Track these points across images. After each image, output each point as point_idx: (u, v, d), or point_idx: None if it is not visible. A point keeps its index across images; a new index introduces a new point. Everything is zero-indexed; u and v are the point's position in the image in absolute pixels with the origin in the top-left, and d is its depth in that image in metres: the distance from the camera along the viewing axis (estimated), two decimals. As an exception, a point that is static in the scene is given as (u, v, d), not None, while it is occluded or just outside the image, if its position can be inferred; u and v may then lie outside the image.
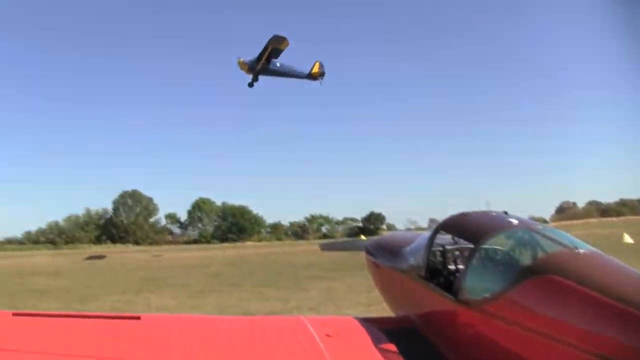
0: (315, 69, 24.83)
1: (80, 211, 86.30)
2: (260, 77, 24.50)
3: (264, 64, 23.56)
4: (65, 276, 24.73)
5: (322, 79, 25.10)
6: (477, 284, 4.60)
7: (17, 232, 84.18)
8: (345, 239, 72.48)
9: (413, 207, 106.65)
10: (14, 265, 33.35)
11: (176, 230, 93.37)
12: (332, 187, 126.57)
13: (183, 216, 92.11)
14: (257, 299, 15.97)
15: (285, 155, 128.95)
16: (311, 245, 56.68)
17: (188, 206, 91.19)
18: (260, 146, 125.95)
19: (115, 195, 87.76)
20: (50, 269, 29.97)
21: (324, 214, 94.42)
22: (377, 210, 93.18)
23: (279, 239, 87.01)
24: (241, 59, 24.12)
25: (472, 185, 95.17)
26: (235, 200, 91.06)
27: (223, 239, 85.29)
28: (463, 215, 5.42)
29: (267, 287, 18.76)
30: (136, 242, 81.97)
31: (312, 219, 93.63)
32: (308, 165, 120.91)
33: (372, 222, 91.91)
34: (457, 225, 5.44)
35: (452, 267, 5.40)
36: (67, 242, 79.16)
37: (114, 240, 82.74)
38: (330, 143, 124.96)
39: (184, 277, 23.57)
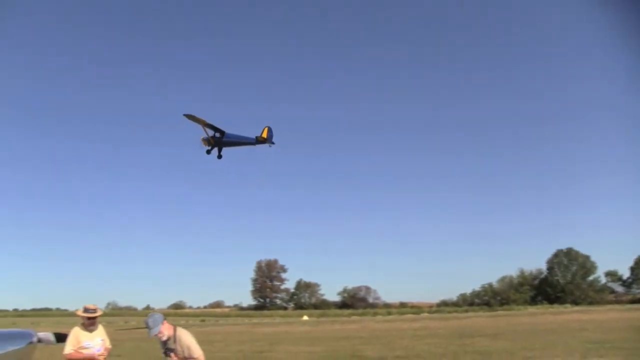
0: (264, 134, 24.88)
1: (514, 272, 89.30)
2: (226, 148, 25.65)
3: (218, 137, 25.24)
4: (505, 337, 25.36)
5: (269, 142, 25.03)
6: None
7: (453, 295, 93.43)
8: None
9: None
10: (454, 327, 36.18)
11: (618, 288, 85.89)
12: None
13: (625, 273, 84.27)
14: None
15: None
16: None
17: (630, 263, 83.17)
18: None
19: (549, 254, 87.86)
20: (489, 330, 31.17)
21: None
22: None
23: None
24: (203, 137, 25.68)
25: None
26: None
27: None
28: None
29: None
30: (574, 302, 78.03)
31: None
32: None
33: None
34: None
35: None
36: (501, 304, 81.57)
37: (550, 300, 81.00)
38: None
39: (636, 340, 21.12)
